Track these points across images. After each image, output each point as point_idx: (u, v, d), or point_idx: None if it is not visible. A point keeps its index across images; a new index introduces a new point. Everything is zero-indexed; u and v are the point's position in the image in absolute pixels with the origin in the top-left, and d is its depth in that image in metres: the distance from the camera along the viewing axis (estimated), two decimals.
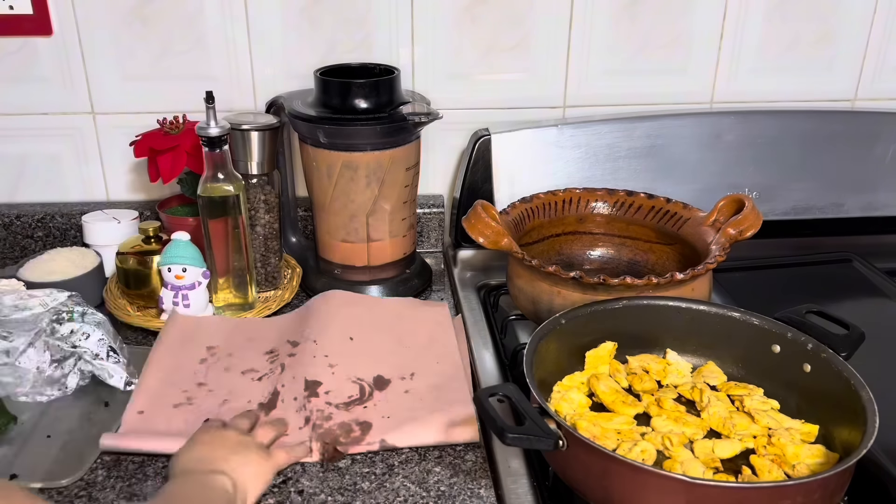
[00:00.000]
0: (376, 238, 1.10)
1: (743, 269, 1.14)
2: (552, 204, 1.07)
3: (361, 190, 1.06)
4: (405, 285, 1.13)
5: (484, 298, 1.12)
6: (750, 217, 0.95)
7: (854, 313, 0.87)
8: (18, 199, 1.24)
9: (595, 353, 0.88)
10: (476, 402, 0.70)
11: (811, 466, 0.73)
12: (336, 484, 0.78)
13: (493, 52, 1.20)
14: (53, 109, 1.19)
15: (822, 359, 0.79)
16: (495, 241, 0.94)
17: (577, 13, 1.18)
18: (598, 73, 1.22)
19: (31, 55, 1.15)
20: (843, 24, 1.22)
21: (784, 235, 1.23)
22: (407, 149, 1.07)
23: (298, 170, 1.18)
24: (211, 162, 0.99)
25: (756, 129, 1.21)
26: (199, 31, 1.15)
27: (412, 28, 1.17)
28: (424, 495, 0.77)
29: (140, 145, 1.10)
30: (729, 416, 0.80)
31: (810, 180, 1.23)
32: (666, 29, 1.20)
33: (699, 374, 0.88)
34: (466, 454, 0.82)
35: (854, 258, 1.17)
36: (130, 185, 1.25)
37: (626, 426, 0.80)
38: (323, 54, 1.17)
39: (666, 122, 1.20)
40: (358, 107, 1.03)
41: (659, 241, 1.06)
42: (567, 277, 0.90)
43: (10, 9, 1.12)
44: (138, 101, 1.19)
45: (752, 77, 1.25)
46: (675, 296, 0.89)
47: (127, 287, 1.07)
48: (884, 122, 1.24)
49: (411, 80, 1.20)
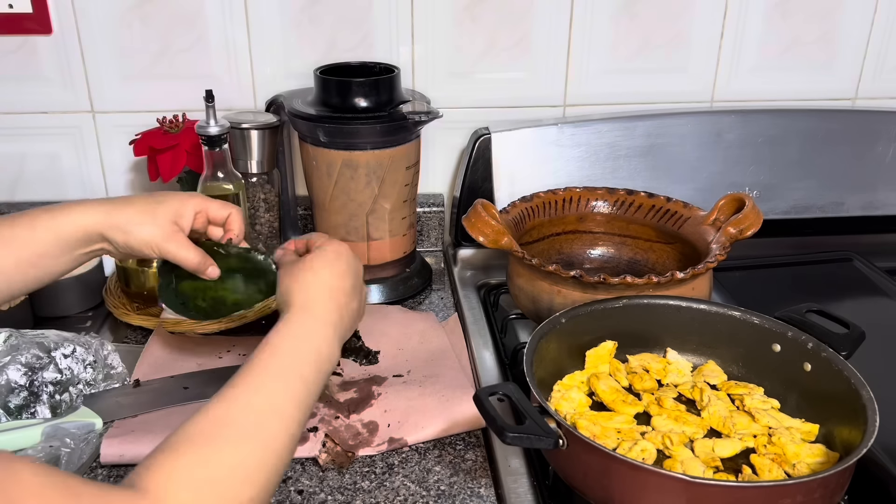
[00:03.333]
0: (376, 237, 1.10)
1: (743, 268, 1.14)
2: (552, 203, 1.07)
3: (361, 189, 1.06)
4: (405, 284, 1.13)
5: (484, 297, 1.12)
6: (750, 216, 0.95)
7: (854, 312, 0.87)
8: (18, 199, 1.24)
9: (595, 352, 0.88)
10: (476, 401, 0.70)
11: (811, 466, 0.73)
12: (336, 483, 0.78)
13: (494, 50, 1.19)
14: (53, 108, 1.19)
15: (822, 358, 0.79)
16: (495, 240, 0.94)
17: (577, 12, 1.18)
18: (599, 72, 1.22)
19: (30, 54, 1.15)
20: (844, 22, 1.22)
21: (784, 234, 1.23)
22: (407, 147, 1.07)
23: (298, 169, 1.18)
24: (211, 161, 0.99)
25: (756, 128, 1.21)
26: (199, 30, 1.15)
27: (412, 27, 1.17)
28: (424, 494, 0.77)
29: (140, 144, 1.10)
30: (729, 416, 0.80)
31: (810, 179, 1.23)
32: (666, 28, 1.20)
33: (699, 373, 0.88)
34: (466, 453, 0.82)
35: (854, 257, 1.17)
36: (130, 184, 1.25)
37: (626, 425, 0.79)
38: (323, 53, 1.17)
39: (666, 121, 1.19)
40: (358, 105, 1.03)
41: (659, 240, 1.06)
42: (567, 276, 0.90)
43: (10, 7, 1.12)
44: (138, 99, 1.18)
45: (752, 76, 1.24)
46: (676, 295, 0.89)
47: (127, 286, 1.07)
48: (884, 121, 1.24)
49: (411, 79, 1.20)
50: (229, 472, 0.54)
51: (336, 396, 0.89)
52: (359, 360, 0.96)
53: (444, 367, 0.93)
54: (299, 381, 0.63)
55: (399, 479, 0.79)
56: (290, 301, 0.69)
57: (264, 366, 0.62)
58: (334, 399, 0.88)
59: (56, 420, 0.83)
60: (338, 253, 0.74)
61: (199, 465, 0.53)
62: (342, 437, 0.82)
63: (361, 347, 0.97)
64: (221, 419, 0.57)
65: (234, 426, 0.57)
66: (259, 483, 0.55)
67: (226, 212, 0.81)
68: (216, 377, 0.92)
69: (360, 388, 0.90)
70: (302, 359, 0.64)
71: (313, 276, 0.70)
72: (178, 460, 0.53)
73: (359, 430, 0.84)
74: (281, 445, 0.58)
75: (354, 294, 0.73)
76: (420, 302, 1.13)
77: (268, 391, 0.60)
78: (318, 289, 0.70)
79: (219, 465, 0.54)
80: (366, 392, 0.89)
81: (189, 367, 0.94)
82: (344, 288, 0.71)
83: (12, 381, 0.85)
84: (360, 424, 0.84)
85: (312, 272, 0.71)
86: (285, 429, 0.59)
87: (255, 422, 0.58)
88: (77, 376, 0.88)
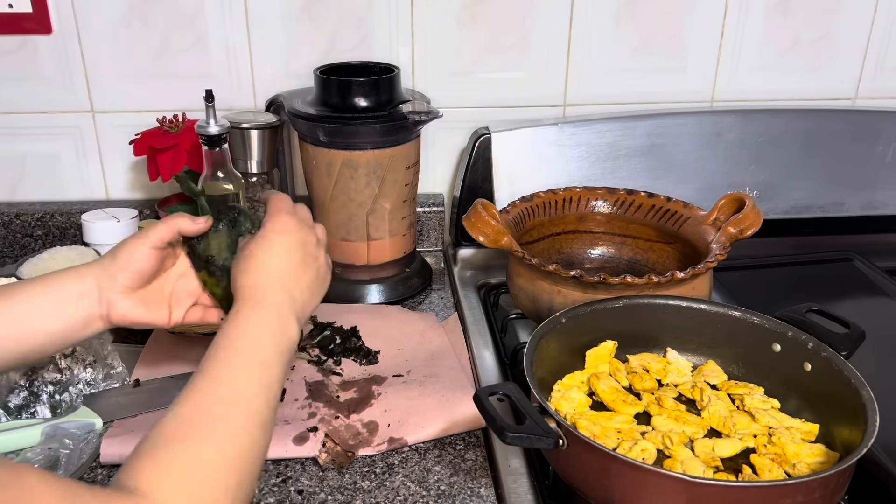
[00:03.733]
0: (376, 237, 1.10)
1: (743, 268, 1.14)
2: (552, 203, 1.07)
3: (361, 188, 1.06)
4: (405, 284, 1.13)
5: (484, 297, 1.12)
6: (750, 216, 0.95)
7: (854, 312, 0.87)
8: (18, 198, 1.24)
9: (595, 351, 0.88)
10: (476, 401, 0.70)
11: (811, 465, 0.73)
12: (336, 483, 0.78)
13: (494, 50, 1.19)
14: (53, 108, 1.19)
15: (822, 358, 0.79)
16: (495, 240, 0.94)
17: (577, 11, 1.18)
18: (599, 72, 1.22)
19: (30, 54, 1.15)
20: (844, 21, 1.22)
21: (784, 234, 1.22)
22: (407, 147, 1.07)
23: (298, 168, 1.18)
24: (210, 161, 0.98)
25: (756, 128, 1.21)
26: (198, 30, 1.15)
27: (412, 26, 1.17)
28: (424, 494, 0.77)
29: (140, 144, 1.10)
30: (729, 415, 0.80)
31: (811, 179, 1.23)
32: (666, 27, 1.20)
33: (699, 372, 0.88)
34: (466, 453, 0.82)
35: (855, 257, 1.17)
36: (130, 184, 1.25)
37: (626, 425, 0.79)
38: (323, 53, 1.17)
39: (666, 120, 1.19)
40: (358, 105, 1.03)
41: (659, 239, 1.06)
42: (567, 276, 0.90)
43: (10, 7, 1.12)
44: (138, 99, 1.18)
45: (752, 75, 1.24)
46: (676, 295, 0.89)
47: None
48: (885, 121, 1.24)
49: (411, 79, 1.20)
50: (210, 463, 0.56)
51: (336, 396, 0.89)
52: (359, 360, 0.96)
53: (444, 367, 0.93)
54: (259, 365, 0.64)
55: (399, 479, 0.79)
56: (237, 292, 0.69)
57: (221, 358, 0.63)
58: (334, 399, 0.88)
59: (56, 420, 0.83)
60: (278, 230, 0.72)
61: (182, 462, 0.55)
62: (342, 437, 0.82)
63: (361, 347, 0.97)
64: (191, 416, 0.59)
65: (203, 420, 0.59)
66: (241, 468, 0.58)
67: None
68: None
69: (360, 388, 0.90)
70: (259, 345, 0.65)
71: (255, 263, 0.70)
72: (161, 460, 0.55)
73: (359, 429, 0.84)
74: (254, 428, 0.60)
75: (305, 267, 0.72)
76: (420, 302, 1.13)
77: (230, 381, 0.62)
78: (262, 274, 0.69)
79: (198, 459, 0.56)
80: (366, 392, 0.89)
81: (189, 367, 0.94)
82: (289, 267, 0.71)
83: (12, 381, 0.85)
84: (360, 424, 0.84)
85: (254, 259, 0.70)
86: (254, 413, 0.61)
87: (222, 413, 0.60)
88: (77, 376, 0.88)
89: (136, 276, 0.74)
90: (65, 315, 0.72)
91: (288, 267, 0.70)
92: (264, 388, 0.63)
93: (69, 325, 0.72)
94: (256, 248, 0.70)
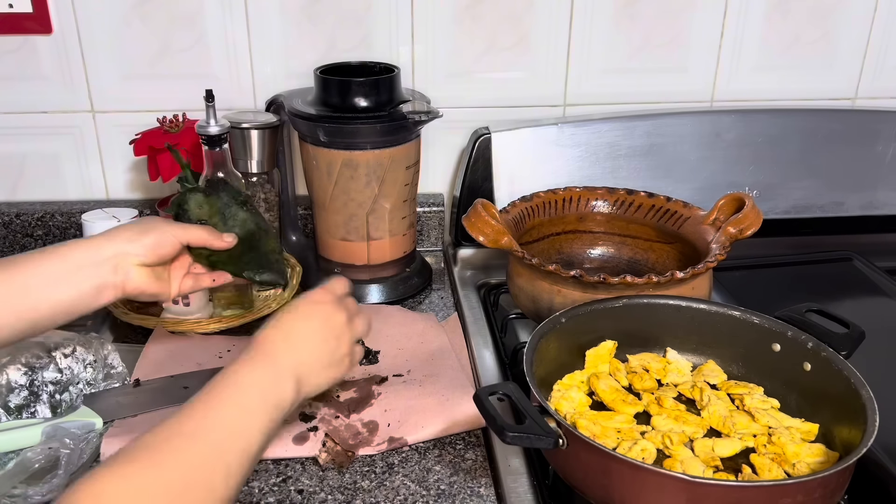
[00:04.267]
0: (376, 237, 1.10)
1: (743, 268, 1.14)
2: (552, 202, 1.07)
3: (361, 188, 1.06)
4: (405, 284, 1.13)
5: (484, 297, 1.12)
6: (750, 216, 0.95)
7: (854, 312, 0.87)
8: (18, 198, 1.24)
9: (595, 351, 0.88)
10: (476, 401, 0.70)
11: (811, 465, 0.73)
12: (336, 483, 0.78)
13: (493, 50, 1.19)
14: (53, 108, 1.19)
15: (822, 357, 0.79)
16: (495, 240, 0.94)
17: (577, 11, 1.18)
18: (599, 72, 1.22)
19: (30, 54, 1.15)
20: (844, 21, 1.22)
21: (784, 234, 1.22)
22: (407, 147, 1.07)
23: (298, 168, 1.18)
24: (211, 160, 0.98)
25: (756, 128, 1.21)
26: (199, 30, 1.15)
27: (412, 26, 1.17)
28: (424, 494, 0.77)
29: (140, 144, 1.10)
30: (729, 415, 0.80)
31: (810, 179, 1.23)
32: (666, 27, 1.20)
33: (699, 372, 0.88)
34: (466, 453, 0.82)
35: (854, 257, 1.17)
36: (130, 184, 1.25)
37: (626, 425, 0.79)
38: (323, 53, 1.17)
39: (666, 120, 1.19)
40: (358, 105, 1.03)
41: (659, 239, 1.06)
42: (567, 276, 0.90)
43: (10, 7, 1.12)
44: (138, 99, 1.19)
45: (752, 75, 1.24)
46: (676, 294, 0.89)
47: None
48: (884, 121, 1.24)
49: (411, 79, 1.20)
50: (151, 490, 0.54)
51: (336, 396, 0.89)
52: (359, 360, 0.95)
53: (444, 367, 0.93)
54: (236, 409, 0.63)
55: (399, 479, 0.79)
56: (253, 341, 0.71)
57: (204, 393, 0.63)
58: (334, 398, 0.88)
59: (56, 420, 0.83)
60: (310, 299, 0.75)
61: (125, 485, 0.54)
62: (342, 437, 0.82)
63: (361, 347, 0.97)
64: (148, 443, 0.58)
65: (157, 448, 0.57)
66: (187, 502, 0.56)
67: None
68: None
69: (360, 388, 0.90)
70: (244, 390, 0.65)
71: (277, 320, 0.73)
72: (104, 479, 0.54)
73: (359, 429, 0.84)
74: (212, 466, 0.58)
75: (323, 337, 0.73)
76: (420, 302, 1.13)
77: (200, 415, 0.61)
78: (278, 330, 0.72)
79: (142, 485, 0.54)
80: (366, 391, 0.89)
81: (189, 367, 0.94)
82: (306, 332, 0.73)
83: (12, 381, 0.85)
84: (360, 424, 0.84)
85: (278, 317, 0.73)
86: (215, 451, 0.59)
87: (180, 445, 0.58)
88: (77, 376, 0.88)
89: (158, 258, 0.79)
90: (75, 283, 0.73)
91: (304, 331, 0.73)
92: (234, 433, 0.61)
93: (79, 293, 0.74)
94: (285, 310, 0.74)
